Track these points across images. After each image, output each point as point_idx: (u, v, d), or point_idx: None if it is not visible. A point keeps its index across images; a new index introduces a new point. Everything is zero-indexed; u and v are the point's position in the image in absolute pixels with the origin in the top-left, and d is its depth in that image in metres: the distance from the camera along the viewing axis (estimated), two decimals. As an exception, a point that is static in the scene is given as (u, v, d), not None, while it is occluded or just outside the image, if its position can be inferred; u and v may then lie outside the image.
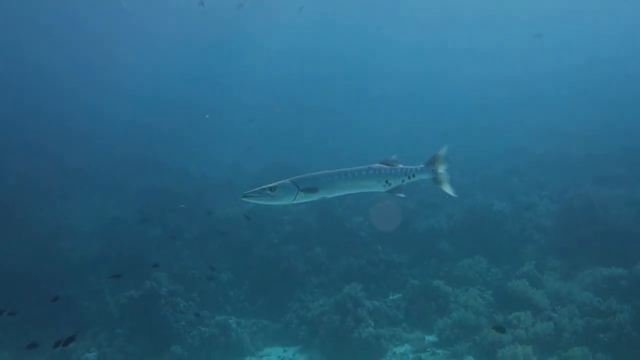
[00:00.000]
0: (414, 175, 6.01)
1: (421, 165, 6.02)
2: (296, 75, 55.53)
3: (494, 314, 12.19)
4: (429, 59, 61.61)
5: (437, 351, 11.79)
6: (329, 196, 5.74)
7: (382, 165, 5.94)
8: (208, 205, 20.87)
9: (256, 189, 5.57)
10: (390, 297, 15.07)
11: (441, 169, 6.08)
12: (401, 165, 5.95)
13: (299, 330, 13.85)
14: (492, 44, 61.62)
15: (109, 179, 24.48)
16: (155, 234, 19.64)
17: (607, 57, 56.42)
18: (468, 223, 17.04)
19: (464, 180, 21.52)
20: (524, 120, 34.68)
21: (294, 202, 5.67)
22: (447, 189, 6.11)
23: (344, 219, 18.23)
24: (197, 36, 55.93)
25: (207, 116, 27.26)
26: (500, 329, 9.99)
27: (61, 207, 22.79)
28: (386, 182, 5.87)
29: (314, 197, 5.67)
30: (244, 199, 5.52)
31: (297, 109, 41.76)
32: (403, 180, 5.95)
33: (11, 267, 17.54)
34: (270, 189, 5.53)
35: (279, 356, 13.02)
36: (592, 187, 17.30)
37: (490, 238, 16.07)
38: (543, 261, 14.30)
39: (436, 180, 6.09)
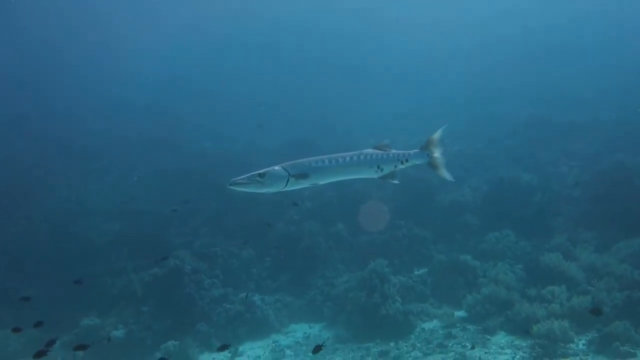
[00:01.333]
0: (407, 160, 5.72)
1: (415, 150, 5.75)
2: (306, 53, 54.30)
3: (526, 288, 11.85)
4: (430, 33, 59.94)
5: (467, 327, 11.52)
6: (320, 182, 5.53)
7: (374, 150, 5.69)
8: (224, 182, 20.60)
9: (244, 176, 5.30)
10: (415, 273, 14.81)
11: (437, 153, 5.78)
12: (394, 150, 5.71)
13: (324, 306, 13.68)
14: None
15: (125, 159, 24.30)
16: (173, 211, 19.48)
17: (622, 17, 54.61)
18: (494, 196, 16.59)
19: (487, 151, 20.96)
20: (544, 87, 33.60)
21: (284, 189, 5.41)
22: (444, 173, 5.83)
23: (366, 194, 17.86)
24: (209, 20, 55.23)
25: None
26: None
27: (78, 187, 22.72)
28: (378, 167, 5.62)
29: (305, 184, 5.46)
30: (231, 187, 5.24)
31: (311, 88, 41.06)
32: (396, 166, 5.69)
33: (33, 246, 17.59)
34: (260, 175, 5.28)
35: (305, 333, 12.87)
36: (626, 155, 16.66)
37: (517, 211, 15.61)
38: (575, 233, 13.87)
39: (432, 165, 5.81)
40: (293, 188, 5.47)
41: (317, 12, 61.93)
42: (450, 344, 10.68)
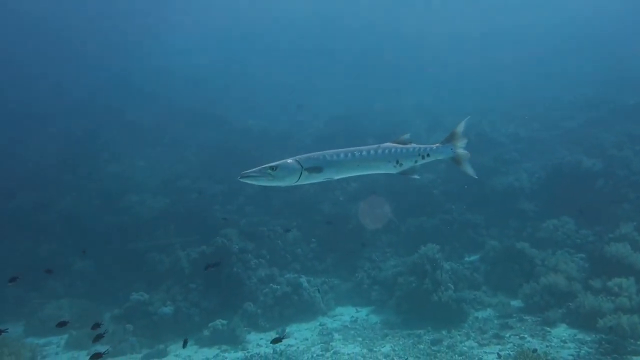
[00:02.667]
0: (428, 155, 5.46)
1: (437, 144, 5.51)
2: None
3: (589, 279, 11.18)
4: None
5: (524, 317, 10.99)
6: (336, 177, 5.26)
7: (393, 144, 5.44)
8: (270, 160, 20.44)
9: (256, 169, 5.06)
10: (466, 259, 14.28)
11: (461, 147, 5.53)
12: (414, 144, 5.45)
13: (371, 290, 13.42)
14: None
15: (171, 135, 24.47)
16: (219, 189, 19.54)
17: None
18: (552, 181, 15.74)
19: (543, 134, 19.92)
20: (604, 69, 31.76)
21: (297, 183, 5.16)
22: (467, 168, 5.56)
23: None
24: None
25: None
26: None
27: (126, 161, 23.05)
28: (397, 162, 5.35)
29: (319, 178, 5.18)
30: (241, 179, 4.99)
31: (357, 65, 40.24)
32: (416, 161, 5.43)
33: (83, 219, 17.97)
34: (272, 168, 5.02)
35: (352, 316, 12.63)
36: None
37: (578, 197, 14.74)
38: (642, 222, 12.96)
39: (455, 160, 5.54)
40: (306, 182, 5.23)
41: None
42: (507, 335, 10.20)
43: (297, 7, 53.11)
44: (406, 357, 9.50)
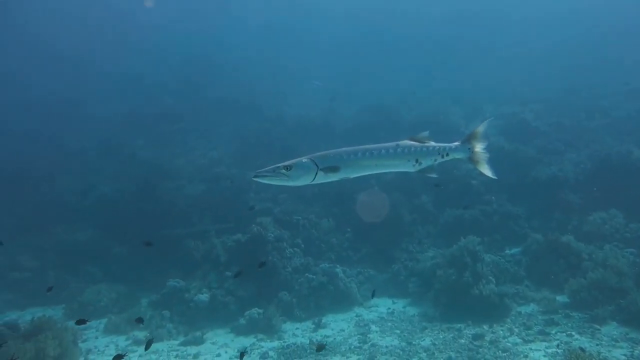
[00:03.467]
0: (447, 154, 5.38)
1: (456, 143, 5.42)
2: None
3: (641, 275, 10.62)
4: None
5: (571, 314, 10.53)
6: (352, 176, 5.14)
7: (412, 142, 5.33)
8: (305, 148, 20.28)
9: (269, 168, 4.95)
10: (507, 252, 13.80)
11: (478, 147, 5.43)
12: (433, 143, 5.36)
13: (408, 282, 13.16)
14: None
15: (206, 122, 24.52)
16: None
17: None
18: (599, 172, 15.06)
19: (589, 123, 19.09)
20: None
21: (313, 182, 5.03)
22: (485, 169, 5.45)
23: (452, 166, 16.84)
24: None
25: (317, 83, 26.17)
26: None
27: (161, 147, 23.23)
28: (416, 161, 5.27)
29: (334, 177, 5.05)
30: (255, 179, 4.91)
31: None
32: (435, 160, 5.34)
33: (120, 205, 18.18)
34: (286, 167, 4.91)
35: (389, 308, 12.40)
36: None
37: (627, 189, 14.06)
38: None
39: (472, 160, 5.45)
40: (322, 182, 5.07)
41: None
42: (553, 332, 9.79)
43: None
44: (448, 353, 9.21)
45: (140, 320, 7.93)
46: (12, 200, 20.23)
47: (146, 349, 7.99)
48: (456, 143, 5.44)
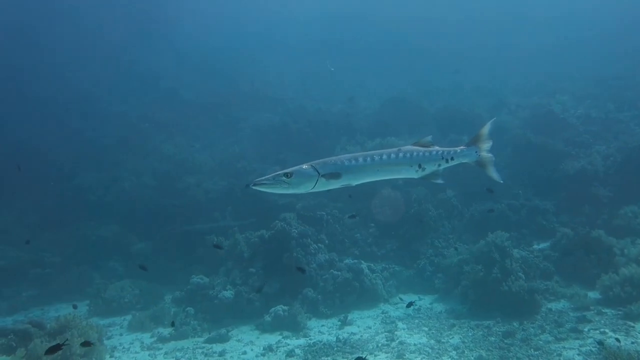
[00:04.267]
0: (452, 159, 5.21)
1: (462, 147, 5.26)
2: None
3: (678, 272, 10.26)
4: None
5: (603, 310, 10.25)
6: (354, 183, 5.06)
7: (414, 147, 5.21)
8: (327, 142, 20.13)
9: (269, 176, 4.90)
10: (535, 247, 13.51)
11: (485, 150, 5.30)
12: (437, 147, 5.23)
13: (434, 278, 12.97)
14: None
15: (226, 115, 24.44)
16: (274, 170, 19.36)
17: None
18: (630, 165, 14.62)
19: (617, 116, 18.56)
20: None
21: (313, 190, 4.94)
22: (492, 172, 5.34)
23: (477, 159, 16.53)
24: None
25: (332, 69, 25.98)
26: None
27: (181, 142, 23.23)
28: (419, 166, 5.14)
29: (336, 185, 4.98)
30: (254, 187, 4.84)
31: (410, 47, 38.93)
32: (439, 165, 5.19)
33: (142, 201, 18.22)
34: (286, 175, 4.83)
35: (415, 304, 12.19)
36: None
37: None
38: None
39: (480, 163, 5.31)
40: (323, 189, 4.96)
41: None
42: (586, 329, 9.51)
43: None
44: (479, 352, 8.99)
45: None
46: (35, 197, 20.46)
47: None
48: (461, 147, 5.28)
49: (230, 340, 10.77)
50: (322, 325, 11.30)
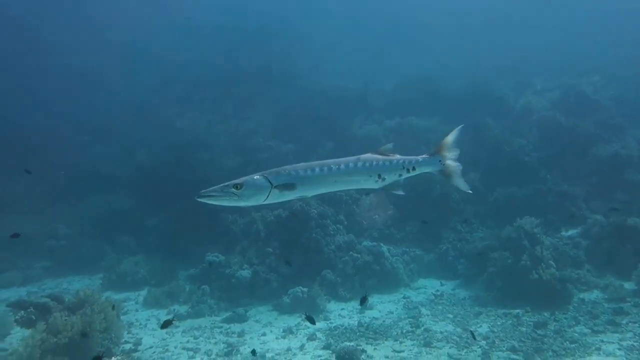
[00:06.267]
0: (414, 168, 4.95)
1: (424, 156, 4.99)
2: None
3: None
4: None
5: (640, 302, 9.75)
6: (310, 194, 4.80)
7: (374, 155, 4.93)
8: (342, 121, 19.57)
9: (216, 187, 4.49)
10: (564, 234, 13.00)
11: (450, 159, 5.03)
12: (398, 156, 4.95)
13: (457, 263, 12.56)
14: None
15: (240, 91, 23.86)
16: (290, 148, 18.94)
17: None
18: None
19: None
20: None
21: (266, 202, 4.62)
22: (458, 182, 5.08)
23: (503, 141, 15.90)
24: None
25: None
26: None
27: (195, 117, 22.73)
28: (379, 176, 4.87)
29: (290, 196, 4.71)
30: (199, 199, 4.44)
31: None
32: (400, 175, 4.92)
33: (156, 175, 17.83)
34: (236, 186, 4.47)
35: (437, 289, 11.81)
36: None
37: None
38: None
39: (444, 173, 5.05)
40: (277, 201, 4.62)
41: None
42: (623, 322, 9.05)
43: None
44: (510, 342, 8.56)
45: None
46: (46, 167, 20.18)
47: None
48: (424, 155, 5.00)
49: (249, 320, 10.45)
50: (342, 309, 10.93)
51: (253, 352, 7.99)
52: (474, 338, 8.61)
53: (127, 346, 9.10)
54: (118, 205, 17.26)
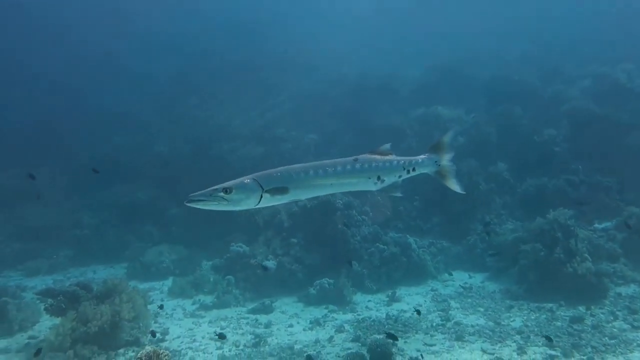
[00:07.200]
0: (414, 169, 4.85)
1: (423, 156, 4.90)
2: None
3: None
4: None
5: (681, 298, 9.39)
6: (303, 197, 4.66)
7: (371, 156, 4.77)
8: (366, 112, 19.27)
9: (205, 191, 4.29)
10: (597, 226, 12.59)
11: (445, 160, 4.99)
12: (396, 156, 4.83)
13: (486, 255, 12.21)
14: None
15: (261, 81, 23.67)
16: (312, 139, 18.74)
17: None
18: None
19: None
20: None
21: (258, 206, 4.45)
22: (453, 184, 5.07)
23: (532, 131, 15.49)
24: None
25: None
26: None
27: (214, 107, 22.61)
28: (378, 178, 4.73)
29: (283, 200, 4.50)
30: (188, 204, 4.24)
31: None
32: (400, 176, 4.80)
33: (177, 165, 17.80)
34: (225, 190, 4.26)
35: (465, 282, 11.56)
36: None
37: None
38: None
39: (440, 174, 5.03)
40: (268, 205, 4.51)
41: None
42: (664, 318, 8.71)
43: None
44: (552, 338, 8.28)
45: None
46: (66, 157, 20.31)
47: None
48: (423, 156, 4.92)
49: (275, 311, 10.34)
50: (369, 301, 10.76)
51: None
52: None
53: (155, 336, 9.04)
54: (140, 195, 17.26)
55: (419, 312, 8.97)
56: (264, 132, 19.19)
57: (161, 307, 8.30)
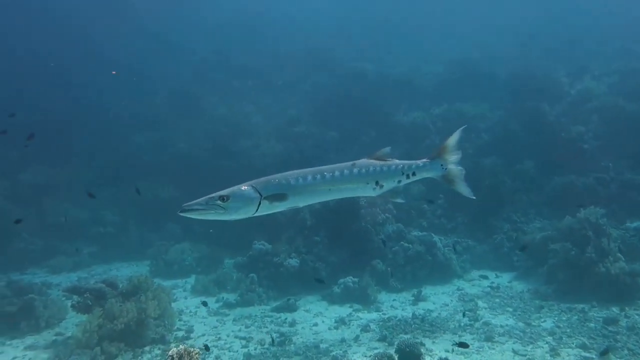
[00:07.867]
0: (414, 174, 4.68)
1: (424, 160, 4.70)
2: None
3: None
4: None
5: None
6: (302, 204, 4.51)
7: (370, 161, 4.63)
8: (386, 108, 19.07)
9: (201, 200, 4.09)
10: (629, 225, 12.21)
11: (452, 163, 4.73)
12: (396, 161, 4.66)
13: (512, 254, 12.00)
14: None
15: (281, 78, 23.59)
16: (333, 136, 18.62)
17: None
18: None
19: None
20: None
21: (256, 214, 4.30)
22: (462, 188, 4.79)
23: (560, 127, 15.13)
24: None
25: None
26: None
27: (235, 105, 22.59)
28: (377, 183, 4.58)
29: (282, 207, 4.39)
30: (182, 214, 4.05)
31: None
32: (399, 181, 4.65)
33: (195, 161, 17.80)
34: (222, 198, 4.09)
35: (492, 282, 11.33)
36: None
37: None
38: None
39: (446, 178, 4.77)
40: (267, 212, 4.37)
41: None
42: (703, 321, 8.39)
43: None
44: (580, 339, 8.05)
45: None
46: (90, 154, 20.45)
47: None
48: (424, 160, 4.72)
49: (298, 310, 10.24)
50: (394, 300, 10.61)
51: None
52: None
53: (180, 333, 9.02)
54: (162, 193, 17.31)
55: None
56: (285, 129, 19.12)
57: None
